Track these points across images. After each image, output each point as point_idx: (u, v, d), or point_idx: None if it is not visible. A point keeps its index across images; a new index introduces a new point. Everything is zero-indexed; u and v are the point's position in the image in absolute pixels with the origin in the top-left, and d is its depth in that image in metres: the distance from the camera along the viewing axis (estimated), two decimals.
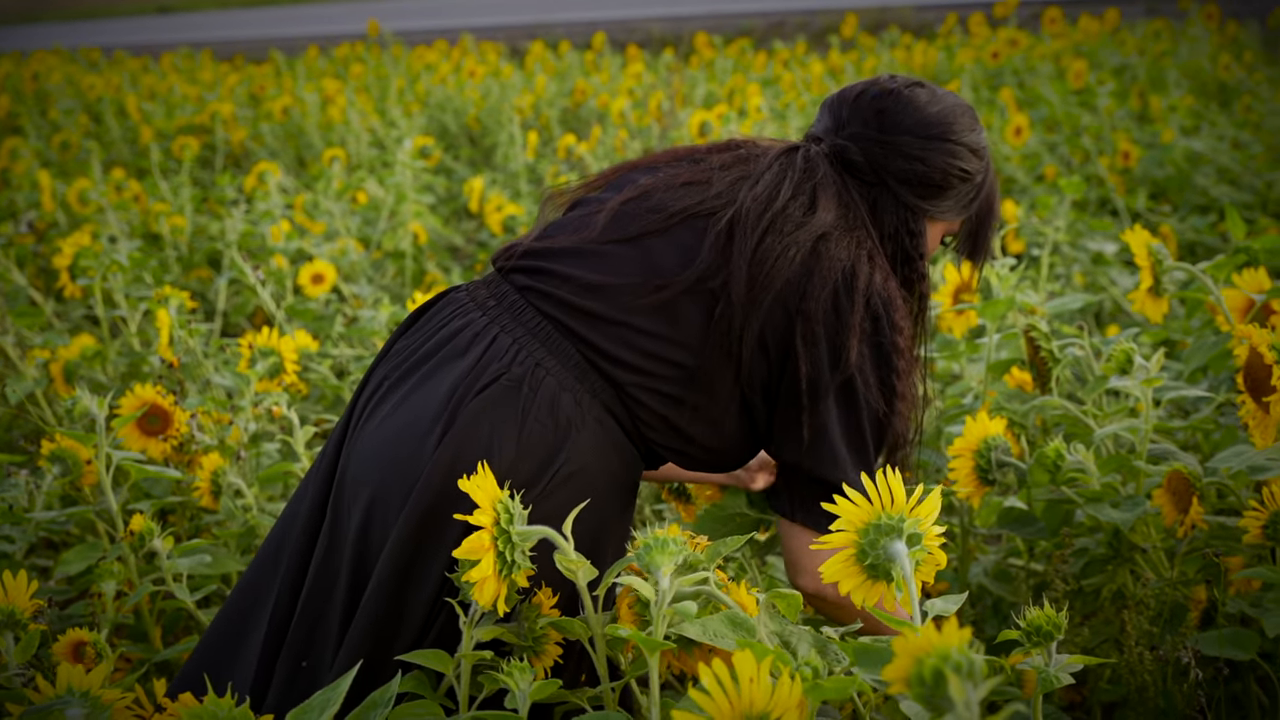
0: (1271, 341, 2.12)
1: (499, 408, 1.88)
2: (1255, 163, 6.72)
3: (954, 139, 2.07)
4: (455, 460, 1.84)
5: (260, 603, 2.04)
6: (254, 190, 6.45)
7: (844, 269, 1.96)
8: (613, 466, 1.95)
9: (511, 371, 1.91)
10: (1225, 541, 2.40)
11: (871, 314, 1.96)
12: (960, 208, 2.12)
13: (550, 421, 1.89)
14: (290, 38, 17.67)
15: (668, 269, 1.96)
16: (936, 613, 1.54)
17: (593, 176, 2.19)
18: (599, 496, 1.90)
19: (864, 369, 1.95)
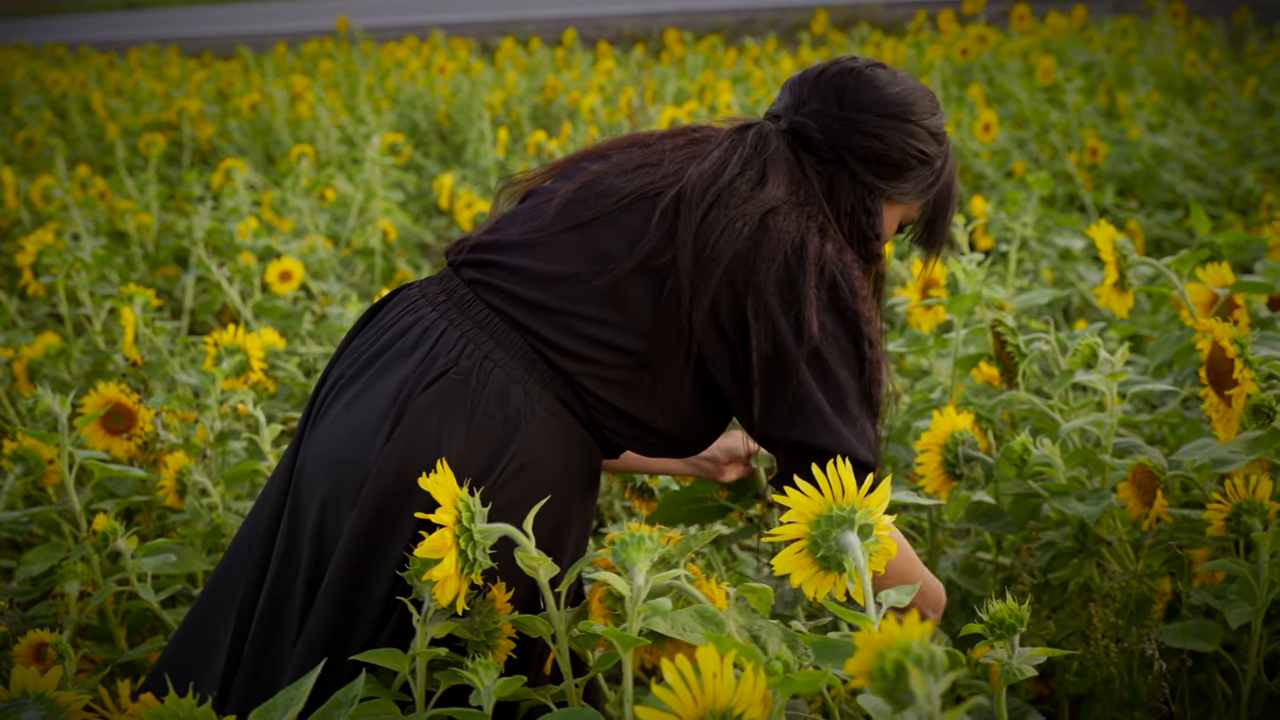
0: (1233, 335, 2.13)
1: (447, 402, 1.88)
2: (1221, 159, 6.77)
3: (914, 120, 2.06)
4: (404, 457, 1.84)
5: (228, 603, 2.04)
6: (221, 187, 6.41)
7: (793, 240, 1.95)
8: (568, 456, 1.94)
9: (459, 365, 1.90)
10: (1190, 534, 2.41)
11: (828, 283, 1.94)
12: (918, 192, 2.11)
13: (499, 414, 1.88)
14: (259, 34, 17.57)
15: (614, 253, 1.95)
16: (890, 603, 1.54)
17: (546, 166, 2.18)
18: (555, 487, 1.90)
19: (830, 338, 1.94)
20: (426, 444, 1.85)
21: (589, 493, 2.03)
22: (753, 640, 1.77)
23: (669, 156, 2.05)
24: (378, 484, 1.84)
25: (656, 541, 1.59)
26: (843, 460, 1.82)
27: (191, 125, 8.66)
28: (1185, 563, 2.29)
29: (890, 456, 2.92)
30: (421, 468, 1.74)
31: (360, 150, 7.31)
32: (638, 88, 9.35)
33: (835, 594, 1.58)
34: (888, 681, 1.12)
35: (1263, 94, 7.65)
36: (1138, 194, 6.71)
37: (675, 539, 1.71)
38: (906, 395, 3.38)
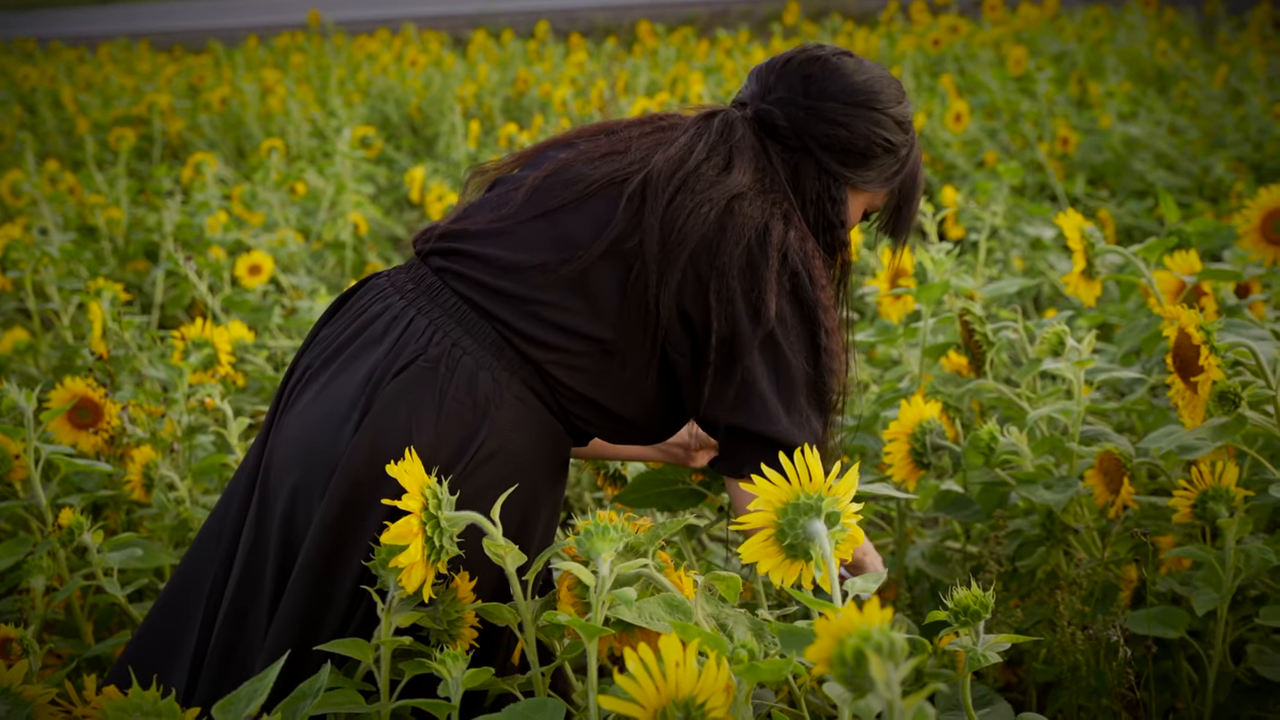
0: (1199, 322, 2.14)
1: (416, 390, 1.87)
2: (1191, 148, 6.80)
3: (879, 108, 2.06)
4: (374, 446, 1.84)
5: (195, 594, 2.03)
6: (191, 181, 6.38)
7: (758, 226, 1.95)
8: (537, 443, 1.94)
9: (428, 353, 1.90)
10: (1157, 521, 2.42)
11: (790, 270, 1.94)
12: (883, 180, 2.11)
13: (469, 400, 1.88)
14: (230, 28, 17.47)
15: (580, 241, 1.95)
16: (857, 591, 1.54)
17: (514, 154, 2.17)
18: (524, 474, 1.90)
19: (786, 324, 1.94)
20: (396, 432, 1.85)
21: (557, 480, 2.03)
22: (720, 629, 1.77)
23: (636, 144, 2.05)
24: (348, 472, 1.84)
25: (622, 531, 1.59)
26: (781, 449, 1.84)
27: (162, 120, 8.62)
28: (1150, 550, 2.29)
29: (858, 446, 2.92)
30: (391, 456, 1.73)
31: (331, 144, 7.28)
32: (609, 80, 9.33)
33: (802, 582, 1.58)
34: (848, 668, 1.12)
35: (1233, 83, 7.69)
36: (1109, 183, 6.73)
37: (644, 527, 1.71)
38: (875, 385, 3.38)
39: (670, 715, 1.31)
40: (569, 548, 1.61)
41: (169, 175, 6.40)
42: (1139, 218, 5.92)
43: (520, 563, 1.62)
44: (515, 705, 1.53)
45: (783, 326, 1.94)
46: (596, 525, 1.55)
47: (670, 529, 1.69)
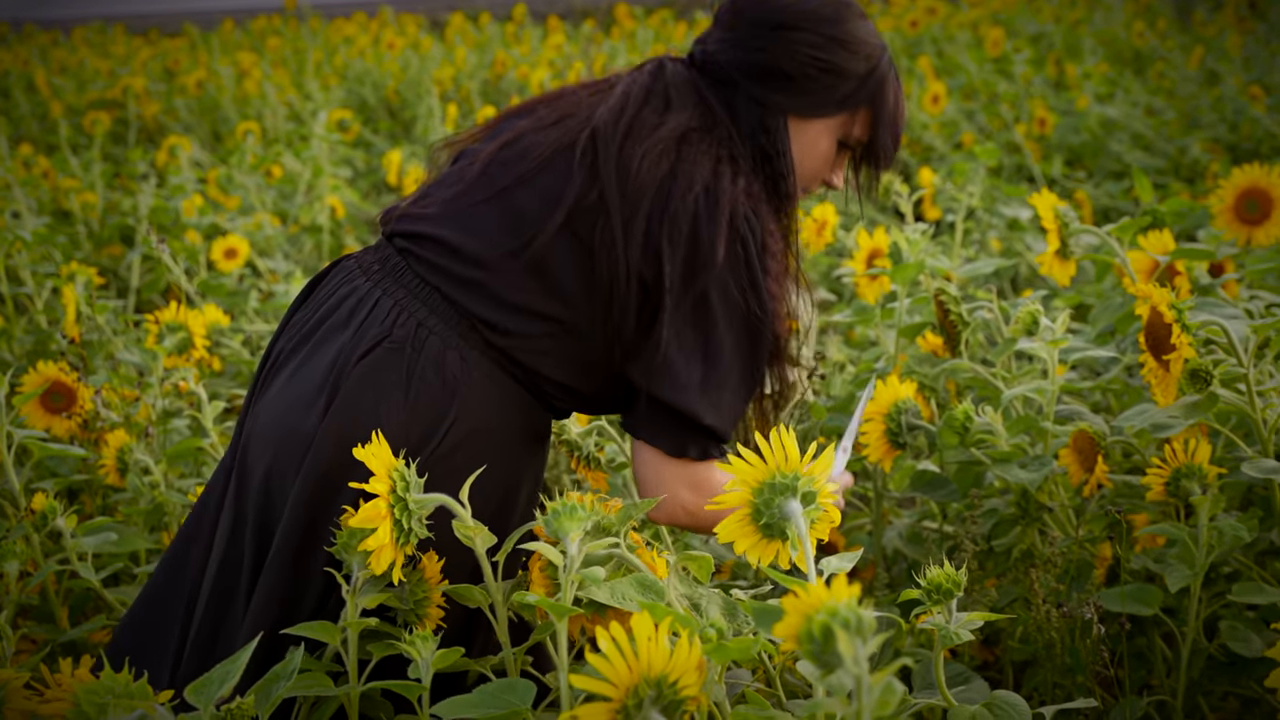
0: (1171, 301, 2.14)
1: (383, 372, 1.87)
2: (1168, 129, 6.82)
3: (807, 28, 1.98)
4: (343, 429, 1.84)
5: (181, 578, 2.03)
6: (166, 165, 6.34)
7: (705, 177, 1.90)
8: (511, 420, 1.92)
9: (393, 335, 1.89)
10: (1131, 499, 2.43)
11: (736, 231, 1.89)
12: (835, 104, 2.02)
13: (437, 381, 1.87)
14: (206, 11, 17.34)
15: (534, 218, 1.92)
16: (832, 570, 1.54)
17: (480, 124, 2.15)
18: (500, 453, 1.89)
19: (724, 285, 1.88)
20: (365, 415, 1.84)
21: (536, 454, 2.00)
22: (693, 608, 1.77)
23: (584, 104, 2.02)
24: (319, 456, 1.84)
25: (590, 510, 1.59)
26: (687, 424, 1.84)
27: (137, 103, 8.57)
28: (1123, 528, 2.30)
29: (834, 427, 2.92)
30: (360, 439, 1.72)
31: (308, 127, 7.25)
32: (587, 62, 9.32)
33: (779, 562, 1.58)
34: (816, 645, 1.12)
35: (1209, 64, 7.71)
36: (1086, 164, 6.75)
37: (615, 507, 1.71)
38: (852, 365, 3.38)
39: (642, 693, 1.31)
40: (539, 528, 1.60)
41: (144, 159, 6.36)
42: (1116, 199, 5.94)
43: (490, 544, 1.62)
44: (486, 686, 1.53)
45: (720, 289, 1.88)
46: (564, 505, 1.55)
47: (642, 508, 1.68)
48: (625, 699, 1.32)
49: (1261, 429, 2.25)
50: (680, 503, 1.92)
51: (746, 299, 1.89)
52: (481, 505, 1.77)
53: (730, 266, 1.88)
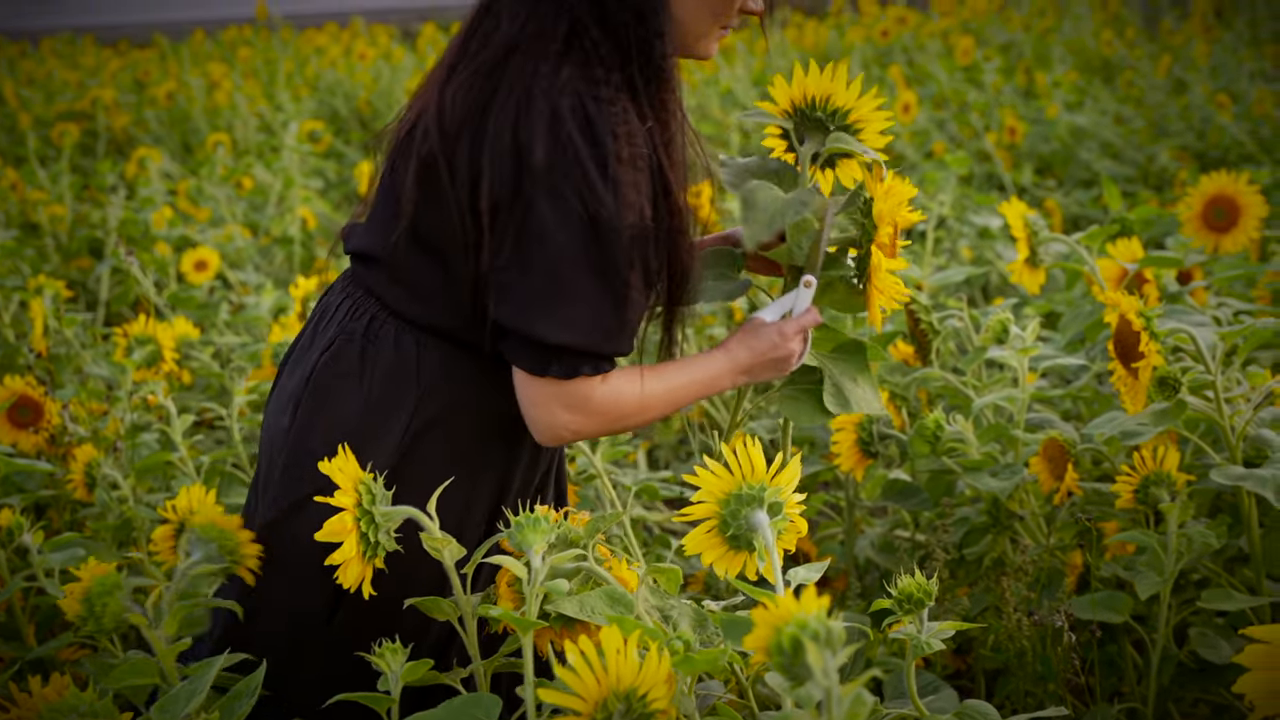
0: (1139, 309, 2.15)
1: (340, 364, 1.86)
2: (1137, 137, 6.86)
3: None
4: (304, 427, 1.86)
5: None
6: (136, 177, 6.31)
7: (525, 81, 1.73)
8: (477, 395, 1.86)
9: (348, 328, 1.88)
10: (1101, 507, 2.44)
11: (557, 128, 1.70)
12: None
13: (395, 368, 1.84)
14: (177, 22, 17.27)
15: (404, 190, 1.83)
16: (800, 581, 1.54)
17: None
18: (468, 436, 1.87)
19: (553, 189, 1.69)
20: (323, 410, 1.86)
21: (512, 439, 1.91)
22: (664, 620, 1.76)
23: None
24: (287, 457, 1.87)
25: (554, 523, 1.59)
26: (542, 351, 1.72)
27: (106, 115, 8.52)
28: (1093, 535, 2.31)
29: (806, 435, 2.92)
30: (320, 434, 1.79)
31: (279, 138, 7.22)
32: None
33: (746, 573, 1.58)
34: (785, 657, 1.12)
35: (1177, 72, 7.76)
36: (1056, 172, 6.78)
37: (582, 520, 1.70)
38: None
39: (611, 707, 1.31)
40: (504, 540, 1.59)
41: (113, 171, 6.33)
42: (1086, 206, 5.97)
43: (459, 556, 1.61)
44: (452, 701, 1.52)
45: (549, 195, 1.70)
46: (528, 517, 1.54)
47: (609, 521, 1.68)
48: (594, 713, 1.31)
49: (1229, 436, 2.26)
50: (561, 423, 1.79)
51: (585, 199, 1.69)
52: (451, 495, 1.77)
53: (557, 168, 1.69)
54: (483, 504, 1.91)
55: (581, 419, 1.80)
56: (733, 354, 1.88)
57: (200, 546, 1.80)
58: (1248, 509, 2.29)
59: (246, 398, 3.10)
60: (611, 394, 1.79)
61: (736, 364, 1.88)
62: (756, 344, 1.88)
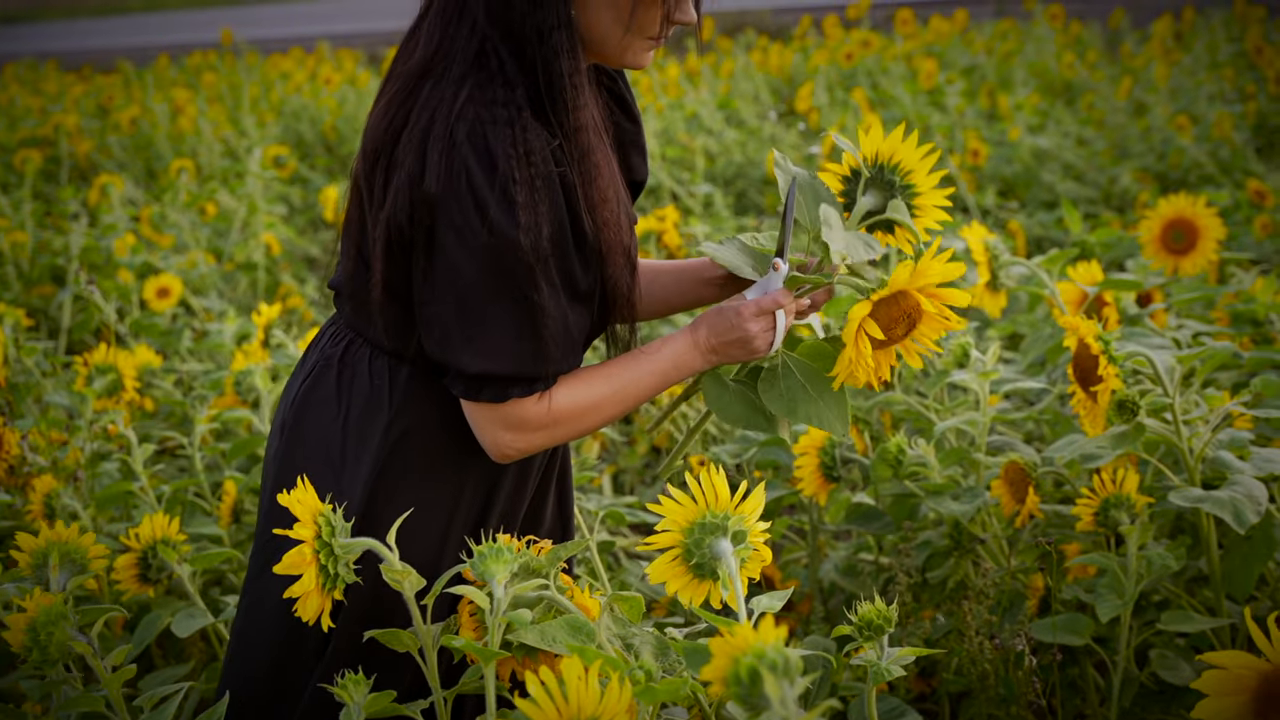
0: (1097, 333, 2.16)
1: (319, 389, 1.90)
2: (1099, 158, 6.91)
3: None
4: (287, 453, 1.91)
5: None
6: (99, 204, 6.28)
7: (431, 107, 1.72)
8: (451, 418, 1.86)
9: (324, 351, 1.92)
10: (1062, 529, 2.45)
11: (453, 154, 1.69)
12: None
13: (369, 390, 1.87)
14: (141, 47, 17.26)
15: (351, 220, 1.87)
16: (762, 609, 1.54)
17: None
18: (445, 451, 1.88)
19: (450, 217, 1.69)
20: (301, 434, 1.90)
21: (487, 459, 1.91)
22: (626, 649, 1.76)
23: None
24: (270, 487, 1.93)
25: (517, 553, 1.58)
26: (467, 382, 1.73)
27: (69, 141, 8.48)
28: (1053, 558, 2.32)
29: (769, 460, 2.93)
30: (299, 458, 1.84)
31: (244, 164, 7.20)
32: None
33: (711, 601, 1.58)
34: (743, 687, 1.12)
35: (1137, 94, 7.82)
36: (1019, 194, 6.83)
37: (545, 548, 1.70)
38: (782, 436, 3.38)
39: None
40: (467, 570, 1.59)
41: (75, 197, 6.30)
42: (1049, 228, 6.00)
43: (419, 586, 1.60)
44: None
45: (448, 223, 1.69)
46: (490, 548, 1.54)
47: (571, 549, 1.67)
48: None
49: (1188, 458, 2.27)
50: (505, 442, 1.80)
51: (482, 225, 1.68)
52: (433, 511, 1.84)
53: (452, 197, 1.68)
54: (467, 518, 1.92)
55: (526, 436, 1.81)
56: (696, 334, 1.87)
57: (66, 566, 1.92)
58: (1207, 530, 2.31)
59: (208, 426, 3.08)
60: (555, 406, 1.80)
61: (699, 344, 1.87)
62: (717, 322, 1.86)
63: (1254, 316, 3.23)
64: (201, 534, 2.97)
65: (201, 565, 2.46)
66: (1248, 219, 5.06)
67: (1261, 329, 3.23)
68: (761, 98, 9.31)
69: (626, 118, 2.02)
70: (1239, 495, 2.16)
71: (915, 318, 1.79)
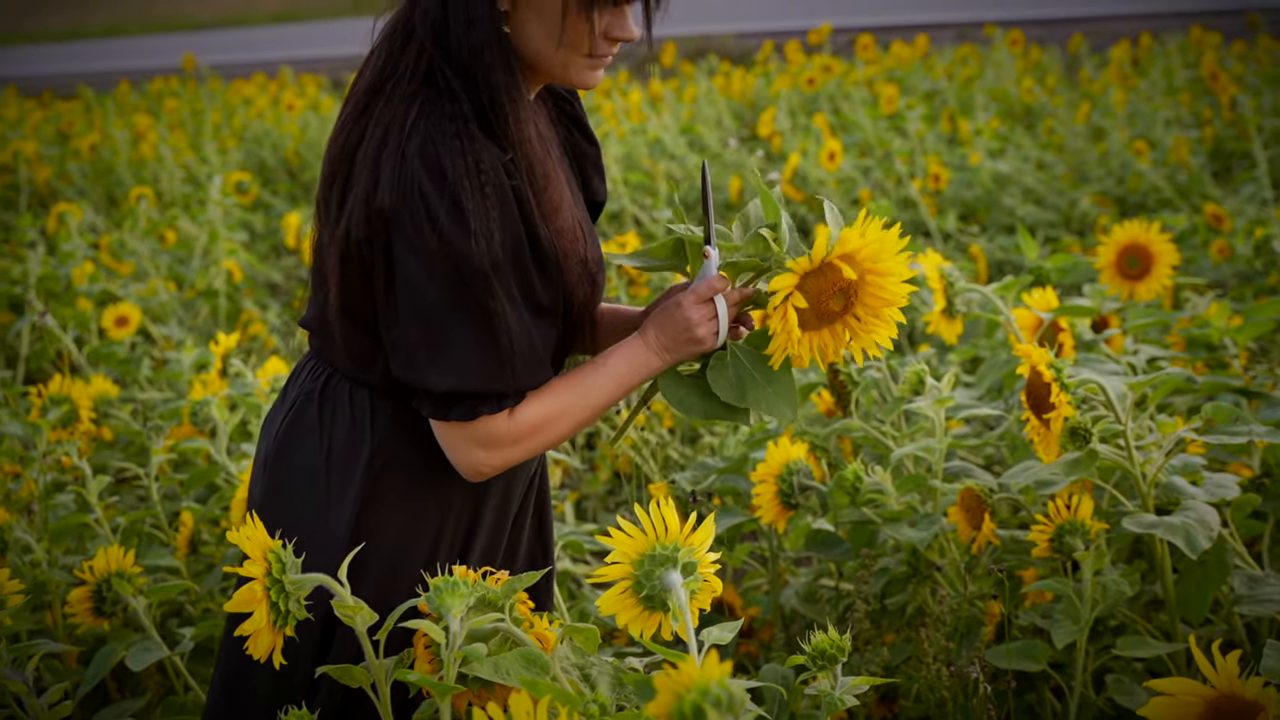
0: (1049, 360, 2.18)
1: (301, 423, 1.91)
2: (1058, 183, 6.96)
3: None
4: (272, 488, 1.92)
5: None
6: (57, 231, 6.25)
7: (384, 125, 1.74)
8: (432, 444, 1.86)
9: (304, 386, 1.93)
10: (1019, 555, 2.46)
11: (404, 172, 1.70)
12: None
13: (349, 421, 1.88)
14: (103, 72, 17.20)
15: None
16: (713, 640, 1.53)
17: None
18: (428, 477, 1.88)
19: (406, 235, 1.70)
20: (285, 467, 1.91)
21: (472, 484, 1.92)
22: (583, 680, 1.76)
23: None
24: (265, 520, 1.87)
25: (473, 585, 1.58)
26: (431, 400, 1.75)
27: (28, 168, 8.43)
28: (1006, 585, 2.32)
29: (729, 488, 2.93)
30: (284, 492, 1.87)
31: (205, 190, 7.18)
32: None
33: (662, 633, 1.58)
34: None
35: (1095, 119, 7.89)
36: (979, 218, 6.87)
37: (501, 579, 1.69)
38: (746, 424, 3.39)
39: None
40: (422, 604, 1.58)
41: (34, 225, 6.26)
42: (1010, 252, 6.04)
43: (371, 621, 1.59)
44: None
45: (405, 242, 1.70)
46: (446, 581, 1.53)
47: (527, 580, 1.67)
48: None
49: (1141, 483, 2.28)
50: (479, 460, 1.80)
51: (437, 239, 1.69)
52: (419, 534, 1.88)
53: (405, 213, 1.70)
54: (452, 545, 1.94)
55: (499, 452, 1.81)
56: (645, 335, 1.88)
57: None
58: (1161, 555, 2.32)
59: (165, 456, 3.06)
60: (523, 420, 1.80)
61: (650, 344, 1.87)
62: (661, 318, 1.87)
63: (1208, 341, 3.26)
64: (158, 565, 2.94)
65: (158, 597, 2.44)
66: (1205, 243, 5.11)
67: (1215, 353, 3.26)
68: (724, 123, 9.35)
69: (585, 139, 2.05)
70: (1191, 521, 2.17)
71: (849, 291, 1.77)
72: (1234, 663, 1.43)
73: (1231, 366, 3.19)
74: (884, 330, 1.81)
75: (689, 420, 4.09)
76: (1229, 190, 6.43)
